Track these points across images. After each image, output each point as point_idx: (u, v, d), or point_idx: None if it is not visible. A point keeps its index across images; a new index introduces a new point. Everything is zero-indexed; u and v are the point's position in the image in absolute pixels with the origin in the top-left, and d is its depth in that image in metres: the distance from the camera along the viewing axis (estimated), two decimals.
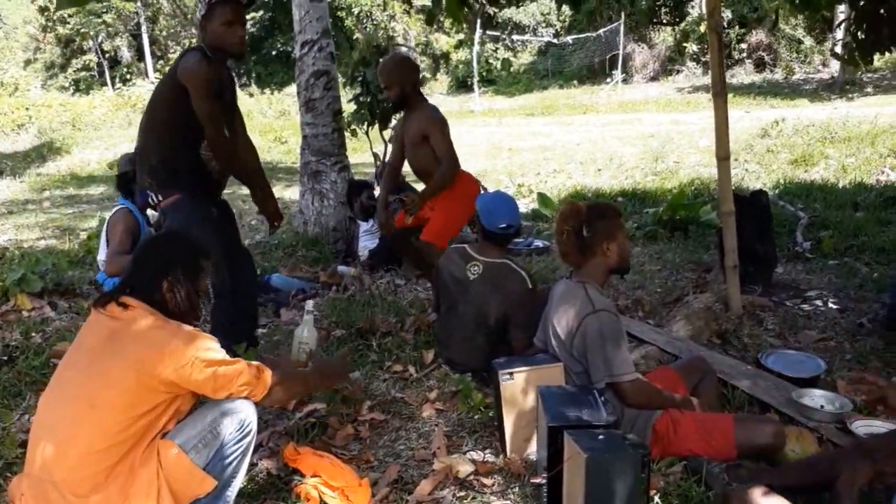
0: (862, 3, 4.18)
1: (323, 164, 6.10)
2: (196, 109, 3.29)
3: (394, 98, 4.44)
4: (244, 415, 2.29)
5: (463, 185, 4.48)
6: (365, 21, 23.96)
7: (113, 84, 28.56)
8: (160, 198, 3.47)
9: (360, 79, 6.07)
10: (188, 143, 3.40)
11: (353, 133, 6.30)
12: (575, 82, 25.18)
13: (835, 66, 18.92)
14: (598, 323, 2.62)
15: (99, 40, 29.30)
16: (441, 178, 4.41)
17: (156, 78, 25.13)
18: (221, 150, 3.41)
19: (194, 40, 25.37)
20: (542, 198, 7.46)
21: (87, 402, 2.08)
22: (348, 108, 6.48)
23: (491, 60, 27.23)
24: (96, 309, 2.26)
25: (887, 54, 4.59)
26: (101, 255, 4.77)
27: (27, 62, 31.59)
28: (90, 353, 2.18)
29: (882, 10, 4.12)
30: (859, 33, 4.27)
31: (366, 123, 6.18)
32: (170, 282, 2.28)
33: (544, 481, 2.38)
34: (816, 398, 2.97)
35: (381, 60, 5.00)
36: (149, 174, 3.47)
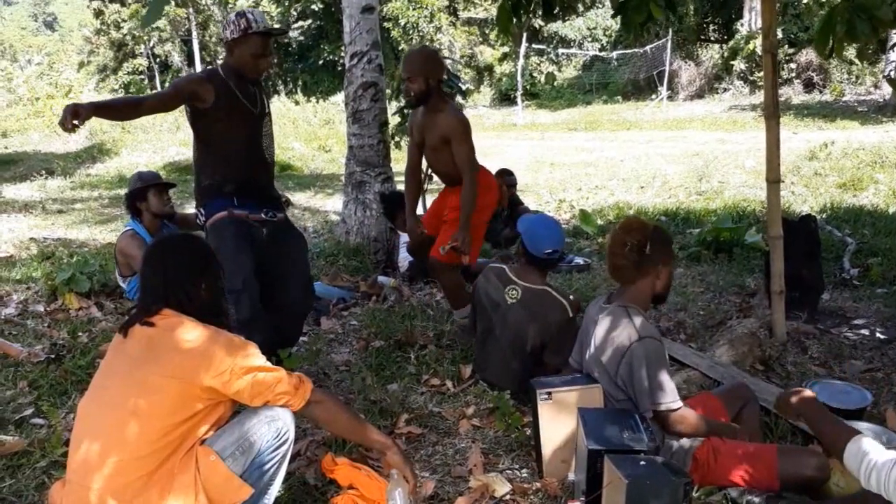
0: None
1: (367, 174, 6.15)
2: None
3: (417, 91, 4.13)
4: (282, 423, 2.30)
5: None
6: (411, 32, 24.12)
7: (162, 88, 29.16)
8: (204, 218, 3.54)
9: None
10: (214, 154, 3.52)
11: (398, 145, 6.34)
12: (619, 98, 25.10)
13: (887, 88, 18.55)
14: (643, 350, 2.58)
15: (151, 45, 29.99)
16: (467, 198, 4.12)
17: None
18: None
19: None
20: (584, 214, 7.43)
21: (129, 410, 2.10)
22: (393, 119, 6.52)
23: (535, 74, 27.26)
24: (122, 333, 2.25)
25: None
26: (119, 277, 4.75)
27: (80, 65, 32.46)
28: (129, 361, 2.19)
29: None
30: None
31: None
32: (206, 286, 2.30)
33: None
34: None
35: (407, 51, 4.71)
36: (199, 193, 3.60)
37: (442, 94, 4.25)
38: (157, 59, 30.84)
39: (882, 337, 4.19)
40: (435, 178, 6.28)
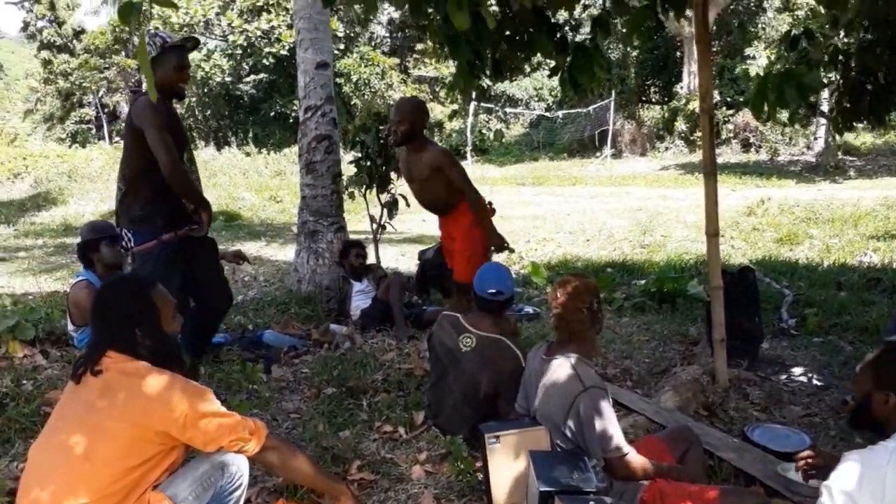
0: (851, 73, 4.37)
1: (320, 224, 6.20)
2: (150, 142, 3.60)
3: (402, 133, 4.62)
4: (235, 468, 2.30)
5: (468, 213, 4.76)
6: (363, 88, 24.45)
7: (110, 138, 28.93)
8: (132, 244, 3.81)
9: (360, 144, 6.21)
10: (157, 184, 3.73)
11: (351, 196, 6.42)
12: (565, 155, 25.72)
13: (818, 148, 19.46)
14: (589, 401, 2.66)
15: (99, 95, 29.75)
16: (476, 208, 4.64)
17: None
18: (176, 176, 3.69)
19: (195, 99, 25.80)
20: (533, 266, 7.57)
21: (82, 454, 2.09)
22: (346, 170, 6.62)
23: (484, 131, 27.80)
24: (75, 381, 2.24)
25: (870, 140, 4.82)
26: (70, 326, 4.66)
27: (27, 113, 31.99)
28: (83, 405, 2.18)
29: (868, 84, 4.33)
30: (844, 101, 4.46)
31: (364, 186, 6.31)
32: (141, 331, 2.27)
33: None
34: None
35: (399, 99, 5.27)
36: (129, 220, 3.85)
37: (424, 137, 4.76)
38: (105, 109, 30.55)
39: (818, 384, 4.35)
40: (388, 227, 6.40)
